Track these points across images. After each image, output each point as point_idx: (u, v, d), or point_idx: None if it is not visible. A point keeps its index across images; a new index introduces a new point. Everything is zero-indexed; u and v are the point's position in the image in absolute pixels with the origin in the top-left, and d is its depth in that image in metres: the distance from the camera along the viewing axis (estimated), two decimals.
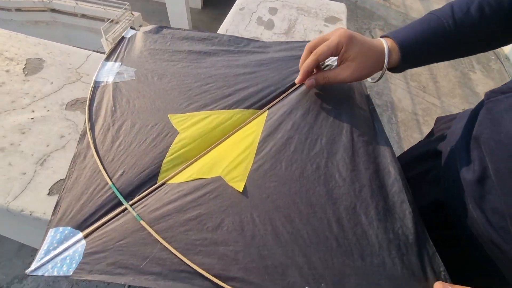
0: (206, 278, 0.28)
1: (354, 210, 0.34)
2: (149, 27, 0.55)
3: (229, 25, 0.66)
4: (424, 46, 0.38)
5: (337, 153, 0.39)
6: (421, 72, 2.46)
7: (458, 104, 2.22)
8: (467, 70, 2.55)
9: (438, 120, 0.53)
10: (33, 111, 0.43)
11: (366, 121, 0.44)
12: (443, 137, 0.45)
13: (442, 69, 2.54)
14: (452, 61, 2.60)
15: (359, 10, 2.97)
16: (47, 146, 0.40)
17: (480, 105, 0.36)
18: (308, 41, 0.60)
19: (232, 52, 0.52)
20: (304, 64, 0.42)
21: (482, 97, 0.36)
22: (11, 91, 0.45)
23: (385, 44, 0.39)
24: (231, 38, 0.55)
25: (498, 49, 2.77)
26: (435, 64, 2.57)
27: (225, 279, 0.28)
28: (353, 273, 0.30)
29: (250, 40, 0.56)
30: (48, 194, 0.35)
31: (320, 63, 0.46)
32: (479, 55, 2.74)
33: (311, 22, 0.70)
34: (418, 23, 0.39)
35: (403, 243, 0.32)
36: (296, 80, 0.44)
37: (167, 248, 0.29)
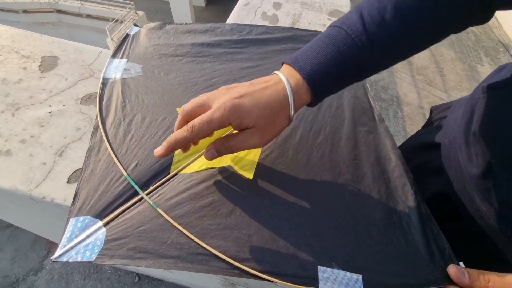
0: (223, 260, 0.29)
1: (358, 194, 0.36)
2: (153, 24, 0.57)
3: (235, 21, 0.68)
4: (337, 74, 0.31)
5: (340, 142, 0.40)
6: (427, 66, 2.44)
7: None
8: (474, 63, 2.52)
9: (434, 109, 0.52)
10: (50, 106, 0.45)
11: (366, 112, 0.45)
12: (440, 127, 0.45)
13: (449, 62, 2.51)
14: (459, 54, 2.56)
15: None
16: (65, 138, 0.42)
17: (476, 97, 0.35)
18: (312, 30, 0.61)
19: (235, 42, 0.54)
20: (172, 138, 0.29)
21: None
22: (29, 87, 0.47)
23: (288, 88, 0.30)
24: (233, 26, 0.56)
25: (507, 41, 2.71)
26: (442, 57, 2.53)
27: (240, 260, 0.29)
28: (361, 251, 0.31)
29: (252, 26, 0.57)
30: (67, 182, 0.37)
31: None
32: (487, 47, 2.69)
33: (315, 16, 0.71)
34: (324, 45, 0.31)
35: (406, 223, 0.34)
36: (156, 152, 0.30)
37: (184, 233, 0.31)
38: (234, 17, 0.69)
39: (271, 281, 0.28)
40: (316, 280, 0.29)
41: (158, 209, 0.32)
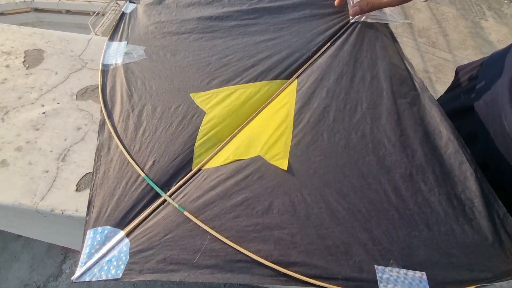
0: (266, 266, 0.26)
1: (410, 177, 0.31)
2: None
3: None
4: None
5: (381, 117, 0.35)
6: (429, 27, 2.33)
7: (472, 56, 2.10)
8: (478, 18, 2.40)
9: (460, 70, 0.48)
10: (43, 105, 0.40)
11: (406, 80, 0.40)
12: (471, 89, 0.41)
13: (451, 20, 2.39)
14: (461, 11, 2.44)
15: None
16: (65, 140, 0.37)
17: None
18: None
19: (246, 13, 0.47)
20: None
21: (497, 45, 0.30)
22: (16, 87, 0.41)
23: None
24: None
25: None
26: (443, 16, 2.42)
27: (286, 265, 0.26)
28: (421, 244, 0.27)
29: None
30: (76, 190, 0.33)
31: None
32: (490, 0, 2.56)
33: None
34: None
35: (469, 207, 0.29)
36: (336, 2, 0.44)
37: (218, 238, 0.27)
38: None
39: (324, 287, 0.25)
40: (375, 283, 0.25)
41: (185, 212, 0.28)
